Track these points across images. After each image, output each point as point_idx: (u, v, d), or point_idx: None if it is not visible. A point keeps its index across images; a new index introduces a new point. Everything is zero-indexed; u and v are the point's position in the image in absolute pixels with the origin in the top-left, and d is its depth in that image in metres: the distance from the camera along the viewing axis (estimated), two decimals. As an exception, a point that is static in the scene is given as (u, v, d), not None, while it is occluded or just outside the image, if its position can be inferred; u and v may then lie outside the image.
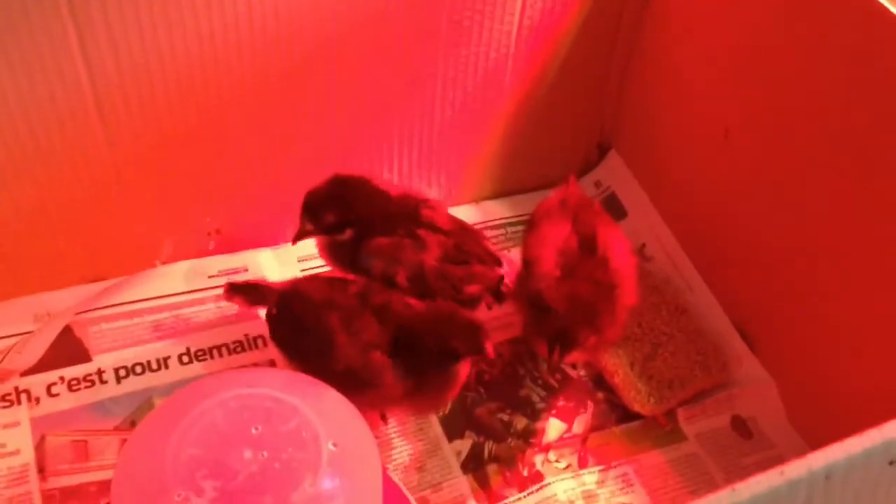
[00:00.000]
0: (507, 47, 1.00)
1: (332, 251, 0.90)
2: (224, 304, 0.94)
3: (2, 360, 0.89)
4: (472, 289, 0.88)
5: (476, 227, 1.08)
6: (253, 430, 0.63)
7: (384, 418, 0.90)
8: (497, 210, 1.12)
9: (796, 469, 0.46)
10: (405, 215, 0.89)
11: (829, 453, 0.47)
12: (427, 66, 0.98)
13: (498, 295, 0.90)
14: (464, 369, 0.82)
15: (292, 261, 1.03)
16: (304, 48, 0.89)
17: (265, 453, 0.62)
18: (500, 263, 0.91)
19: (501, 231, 1.10)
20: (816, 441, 0.49)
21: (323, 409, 0.65)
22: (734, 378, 0.96)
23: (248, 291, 0.89)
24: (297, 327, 0.83)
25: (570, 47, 1.04)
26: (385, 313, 0.81)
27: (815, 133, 0.84)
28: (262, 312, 0.89)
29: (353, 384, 0.79)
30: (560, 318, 0.83)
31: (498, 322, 1.00)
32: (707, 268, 1.03)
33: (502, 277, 0.90)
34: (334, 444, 0.63)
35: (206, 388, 0.66)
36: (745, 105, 0.92)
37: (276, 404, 0.64)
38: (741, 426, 0.93)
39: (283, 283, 0.89)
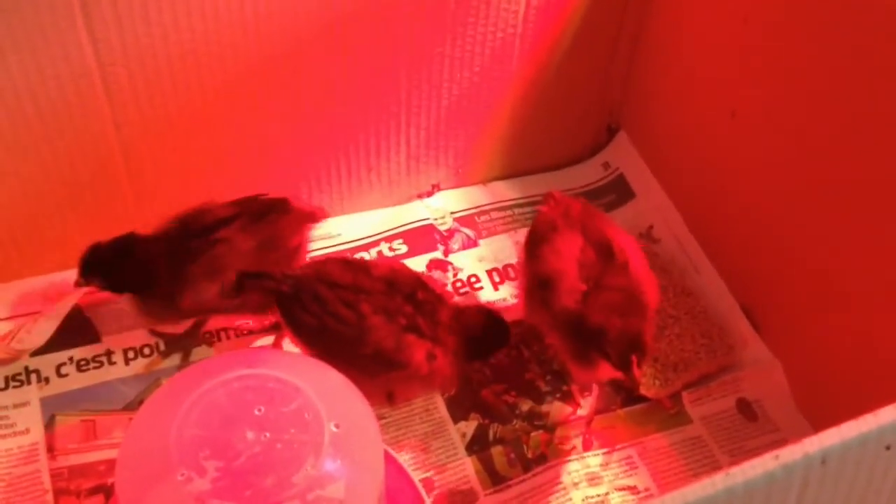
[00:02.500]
0: (514, 27, 0.99)
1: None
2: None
3: (11, 340, 0.90)
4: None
5: (484, 207, 1.10)
6: (256, 411, 0.64)
7: (391, 399, 0.90)
8: (505, 191, 1.11)
9: (791, 453, 0.47)
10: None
11: (825, 438, 0.47)
12: (434, 46, 0.97)
13: None
14: None
15: (297, 242, 1.04)
16: (310, 27, 0.89)
17: (267, 434, 0.63)
18: None
19: (509, 213, 1.10)
20: (822, 424, 0.48)
21: (325, 391, 0.66)
22: (740, 360, 0.96)
23: (260, 277, 0.90)
24: (324, 312, 0.83)
25: (577, 28, 1.03)
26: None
27: (823, 113, 0.83)
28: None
29: (378, 367, 0.81)
30: (604, 331, 0.79)
31: (503, 304, 1.00)
32: (714, 249, 1.03)
33: None
34: (336, 426, 0.64)
35: (209, 369, 0.67)
36: (752, 86, 0.92)
37: (279, 385, 0.65)
38: (746, 409, 0.93)
39: (300, 268, 0.90)
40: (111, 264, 0.86)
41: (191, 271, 0.86)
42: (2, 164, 0.86)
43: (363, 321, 0.82)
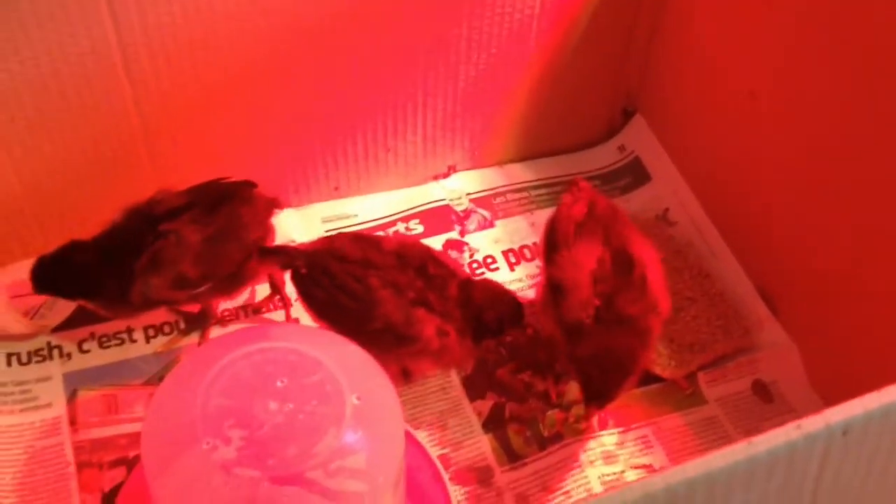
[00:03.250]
0: (532, 8, 1.00)
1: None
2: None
3: (34, 315, 0.91)
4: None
5: (500, 189, 1.10)
6: (278, 383, 0.65)
7: (406, 377, 0.91)
8: (521, 173, 1.12)
9: (813, 423, 0.47)
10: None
11: (848, 409, 0.47)
12: (452, 27, 0.97)
13: None
14: None
15: (316, 220, 1.04)
16: (331, 7, 0.90)
17: (290, 405, 0.63)
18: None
19: (525, 194, 1.10)
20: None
21: (346, 364, 0.67)
22: (756, 342, 0.96)
23: (277, 253, 0.91)
24: (332, 286, 0.84)
25: (595, 10, 1.03)
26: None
27: (842, 95, 0.83)
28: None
29: (388, 341, 0.82)
30: (595, 363, 0.81)
31: (519, 284, 1.01)
32: (730, 232, 1.03)
33: None
34: (358, 398, 0.65)
35: (232, 341, 0.67)
36: (771, 67, 0.92)
37: (301, 358, 0.66)
38: (762, 390, 0.94)
39: (312, 243, 0.90)
40: (55, 277, 0.85)
41: (135, 267, 0.84)
42: (25, 141, 0.87)
43: (371, 294, 0.83)
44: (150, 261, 0.84)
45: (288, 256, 0.89)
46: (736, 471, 0.46)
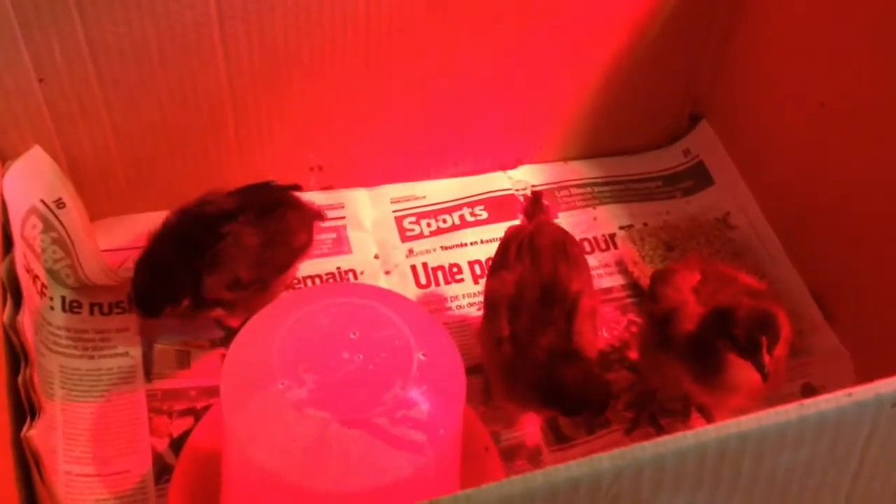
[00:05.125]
0: (606, 9, 1.02)
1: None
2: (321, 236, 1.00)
3: (119, 268, 0.97)
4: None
5: (564, 183, 1.13)
6: (351, 335, 0.68)
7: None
8: (584, 170, 1.14)
9: (864, 393, 0.49)
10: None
11: (899, 381, 0.49)
12: (528, 25, 1.00)
13: None
14: None
15: (385, 201, 1.08)
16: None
17: (361, 356, 0.67)
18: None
19: (588, 190, 1.13)
20: None
21: (414, 323, 0.70)
22: (809, 346, 0.97)
23: None
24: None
25: (670, 14, 1.05)
26: None
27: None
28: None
29: None
30: (731, 311, 0.75)
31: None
32: (789, 239, 1.05)
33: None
34: (424, 355, 0.68)
35: (312, 294, 0.72)
36: (842, 78, 0.93)
37: (374, 314, 0.70)
38: (811, 394, 0.94)
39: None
40: (156, 298, 0.88)
41: (198, 266, 0.87)
42: (126, 104, 0.92)
43: None
44: (210, 261, 0.87)
45: None
46: (787, 429, 0.48)
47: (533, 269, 0.82)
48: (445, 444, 0.68)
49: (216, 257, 0.87)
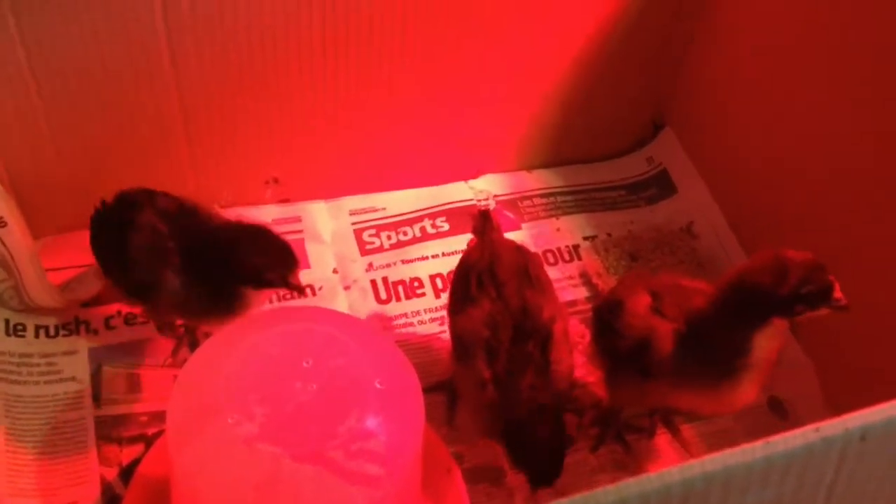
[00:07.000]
0: (567, 17, 1.01)
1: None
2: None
3: (64, 289, 0.93)
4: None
5: (527, 193, 1.11)
6: (304, 363, 0.66)
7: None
8: (549, 179, 1.13)
9: (832, 428, 0.48)
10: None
11: (868, 415, 0.48)
12: (484, 32, 0.98)
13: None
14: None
15: (344, 214, 1.06)
16: (365, 8, 0.91)
17: (315, 385, 0.65)
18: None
19: (552, 199, 1.11)
20: None
21: (371, 350, 0.68)
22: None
23: None
24: None
25: (630, 22, 1.04)
26: None
27: (876, 118, 0.84)
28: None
29: None
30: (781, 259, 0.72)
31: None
32: (754, 248, 1.03)
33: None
34: (380, 383, 0.66)
35: (262, 320, 0.69)
36: (806, 87, 0.92)
37: (328, 340, 0.67)
38: (778, 407, 0.94)
39: None
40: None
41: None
42: (67, 117, 0.89)
43: None
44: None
45: None
46: (753, 468, 0.46)
47: (501, 304, 0.79)
48: (403, 475, 0.65)
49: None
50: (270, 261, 0.77)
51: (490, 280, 0.80)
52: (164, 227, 0.82)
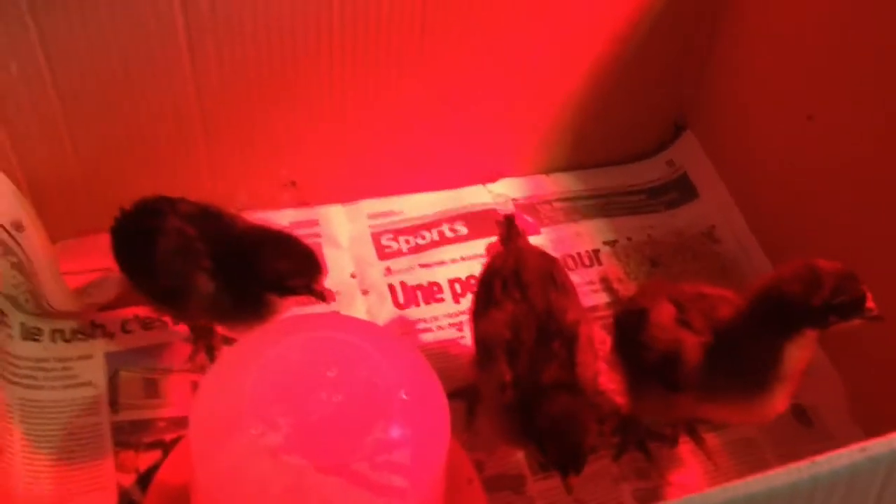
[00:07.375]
0: (587, 20, 1.00)
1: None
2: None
3: (81, 293, 0.92)
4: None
5: (546, 197, 1.10)
6: (329, 373, 0.65)
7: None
8: (568, 183, 1.11)
9: (879, 447, 0.46)
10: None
11: (915, 434, 0.47)
12: (506, 35, 0.97)
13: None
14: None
15: (362, 217, 1.05)
16: (384, 9, 0.90)
17: (339, 396, 0.64)
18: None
19: (571, 203, 1.10)
20: (876, 434, 0.48)
21: (396, 359, 0.67)
22: (798, 366, 0.95)
23: None
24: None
25: (652, 24, 1.03)
26: None
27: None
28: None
29: None
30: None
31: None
32: (775, 253, 1.02)
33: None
34: (406, 394, 0.65)
35: (282, 327, 0.68)
36: (832, 90, 0.91)
37: (352, 349, 0.66)
38: (802, 415, 0.93)
39: None
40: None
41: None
42: (87, 120, 0.88)
43: None
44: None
45: None
46: (798, 489, 0.45)
47: (525, 306, 0.78)
48: (429, 487, 0.64)
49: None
50: (294, 267, 0.76)
51: (515, 283, 0.79)
52: (191, 231, 0.81)
